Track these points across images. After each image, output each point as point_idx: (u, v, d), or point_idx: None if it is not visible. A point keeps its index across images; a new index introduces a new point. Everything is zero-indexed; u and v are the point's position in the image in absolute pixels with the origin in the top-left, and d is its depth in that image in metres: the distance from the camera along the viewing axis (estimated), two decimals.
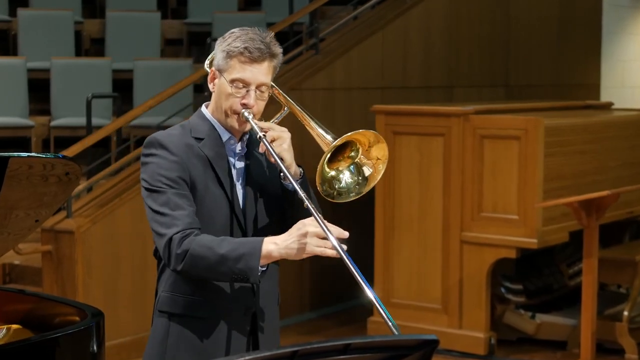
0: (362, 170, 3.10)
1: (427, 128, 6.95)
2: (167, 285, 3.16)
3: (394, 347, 2.15)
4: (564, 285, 7.40)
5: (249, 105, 3.07)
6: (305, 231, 2.93)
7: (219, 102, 3.13)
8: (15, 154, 3.19)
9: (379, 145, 3.09)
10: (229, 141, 3.16)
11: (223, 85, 3.10)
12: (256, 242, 2.97)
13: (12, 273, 6.96)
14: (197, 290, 3.11)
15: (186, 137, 3.13)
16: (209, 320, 3.12)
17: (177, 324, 3.13)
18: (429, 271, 6.92)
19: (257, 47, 3.06)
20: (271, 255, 2.97)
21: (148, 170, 3.09)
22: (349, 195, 3.12)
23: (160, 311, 3.17)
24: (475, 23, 9.03)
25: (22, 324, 3.64)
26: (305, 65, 7.90)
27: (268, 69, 3.09)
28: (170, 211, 3.01)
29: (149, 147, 3.12)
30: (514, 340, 7.02)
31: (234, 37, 3.10)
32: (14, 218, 3.44)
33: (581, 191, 6.46)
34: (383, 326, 7.07)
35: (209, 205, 3.09)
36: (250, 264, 2.93)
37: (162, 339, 3.15)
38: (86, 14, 10.08)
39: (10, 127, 8.39)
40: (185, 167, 3.07)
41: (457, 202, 6.78)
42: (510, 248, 6.61)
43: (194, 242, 2.96)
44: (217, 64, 3.12)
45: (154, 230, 3.05)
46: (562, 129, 6.83)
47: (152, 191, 3.07)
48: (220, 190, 3.11)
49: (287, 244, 2.96)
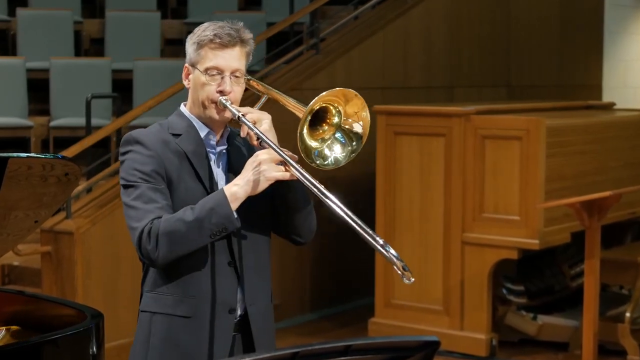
0: (352, 133, 3.08)
1: (428, 128, 6.94)
2: (150, 284, 3.16)
3: (394, 348, 2.15)
4: (566, 287, 7.40)
5: (226, 92, 3.08)
6: (258, 160, 2.98)
7: (195, 96, 3.14)
8: (15, 154, 3.19)
9: (352, 101, 3.05)
10: (207, 136, 3.16)
11: (197, 77, 3.12)
12: (218, 193, 3.01)
13: (12, 274, 6.96)
14: (178, 289, 3.10)
15: (163, 134, 3.13)
16: (192, 319, 3.10)
17: (160, 323, 3.12)
18: (430, 272, 6.90)
19: (226, 33, 3.09)
20: (237, 196, 2.99)
21: (124, 167, 3.10)
22: (338, 165, 3.10)
23: (143, 311, 3.17)
24: (476, 23, 9.02)
25: (21, 325, 3.64)
26: (306, 65, 7.90)
27: (240, 54, 3.12)
28: (143, 205, 3.01)
29: (125, 144, 3.12)
30: (515, 341, 7.00)
31: (202, 28, 3.14)
32: (13, 219, 3.44)
33: (583, 192, 6.44)
34: (384, 327, 7.12)
35: (186, 199, 3.06)
36: (224, 212, 2.96)
37: (145, 338, 3.14)
38: (86, 14, 10.07)
39: (10, 127, 8.38)
40: (160, 161, 3.07)
41: (458, 203, 6.77)
42: (512, 249, 6.59)
43: (160, 223, 2.97)
44: (189, 58, 3.14)
45: (127, 225, 3.06)
46: (564, 130, 6.82)
47: (127, 186, 3.08)
48: (199, 185, 3.10)
49: (247, 179, 2.99)
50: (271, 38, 8.45)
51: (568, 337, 6.90)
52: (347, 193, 7.99)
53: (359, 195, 7.77)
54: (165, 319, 3.11)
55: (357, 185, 7.72)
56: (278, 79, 7.75)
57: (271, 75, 7.93)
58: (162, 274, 3.11)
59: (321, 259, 7.81)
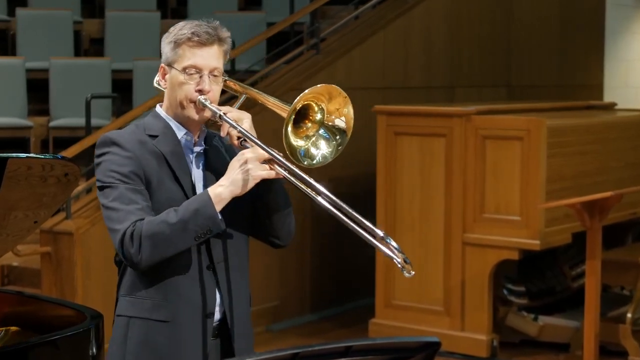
0: (335, 128, 3.07)
1: (428, 128, 6.93)
2: (126, 288, 3.12)
3: (395, 349, 2.15)
4: (567, 287, 7.39)
5: (205, 91, 3.04)
6: (244, 159, 2.94)
7: (172, 96, 3.09)
8: (14, 154, 3.18)
9: (334, 98, 3.05)
10: (185, 137, 3.12)
11: (175, 76, 3.07)
12: (202, 194, 2.96)
13: (11, 275, 6.95)
14: (156, 293, 3.06)
15: (140, 135, 3.09)
16: (170, 324, 3.06)
17: (138, 327, 3.08)
18: (430, 273, 6.89)
19: (204, 31, 3.05)
20: (222, 197, 2.94)
21: (101, 168, 3.05)
22: (327, 161, 3.08)
23: (120, 315, 3.13)
24: (477, 23, 9.01)
25: (21, 326, 3.63)
26: (306, 65, 7.89)
27: (218, 52, 3.08)
28: (123, 206, 2.97)
29: (102, 146, 3.07)
30: (516, 342, 6.99)
31: (178, 27, 3.10)
32: (13, 219, 3.43)
33: (584, 192, 6.43)
34: (384, 328, 7.10)
35: (165, 201, 3.02)
36: (208, 213, 2.91)
37: (122, 342, 3.10)
38: (85, 14, 10.06)
39: (9, 127, 8.36)
40: (138, 162, 3.03)
41: (459, 203, 6.76)
42: (513, 249, 6.59)
43: (143, 225, 2.92)
44: (166, 58, 3.10)
45: (108, 227, 3.02)
46: (565, 130, 6.81)
47: (105, 188, 3.03)
48: (178, 186, 3.06)
49: (232, 179, 2.95)
50: (271, 38, 8.44)
51: (569, 338, 6.88)
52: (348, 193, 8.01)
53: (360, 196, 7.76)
54: (143, 324, 3.07)
55: (358, 185, 7.71)
56: (278, 79, 7.75)
57: (271, 75, 7.93)
58: (140, 278, 3.07)
59: (321, 259, 7.80)
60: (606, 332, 6.49)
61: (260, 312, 7.41)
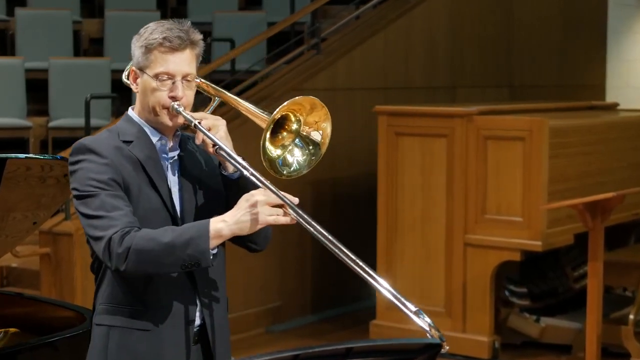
0: (309, 139, 3.03)
1: (430, 129, 6.92)
2: (104, 297, 3.04)
3: (396, 350, 2.18)
4: (569, 289, 7.37)
5: (178, 97, 2.98)
6: (254, 201, 2.82)
7: (144, 101, 3.03)
8: (13, 155, 3.22)
9: (316, 111, 3.01)
10: (159, 142, 3.06)
11: (147, 82, 3.00)
12: (203, 224, 2.86)
13: (10, 276, 6.93)
14: (135, 300, 3.00)
15: (114, 141, 3.02)
16: (150, 333, 3.01)
17: (118, 337, 3.02)
18: (432, 274, 6.88)
19: (176, 36, 2.98)
20: (221, 233, 2.84)
21: (77, 177, 2.97)
22: (302, 171, 3.04)
23: (99, 324, 3.06)
24: (479, 23, 9.00)
25: (20, 327, 3.65)
26: (307, 65, 7.87)
27: (191, 57, 3.01)
28: (107, 213, 2.89)
29: (76, 153, 2.99)
30: (518, 344, 6.97)
31: (149, 30, 3.01)
32: (12, 220, 3.45)
33: (586, 193, 6.42)
34: (386, 330, 7.08)
35: (143, 208, 2.98)
36: (200, 247, 2.82)
37: (101, 351, 3.03)
38: (85, 14, 10.04)
39: (8, 127, 8.34)
40: (116, 169, 2.95)
41: (460, 204, 6.75)
42: (515, 251, 6.57)
43: (136, 237, 2.84)
44: (137, 61, 3.02)
45: (90, 236, 2.92)
46: (567, 130, 6.80)
47: (83, 197, 2.94)
48: (154, 192, 3.00)
49: (237, 218, 2.84)
50: (272, 38, 8.42)
51: (571, 340, 6.87)
52: (349, 194, 8.02)
53: (361, 197, 7.75)
54: (123, 333, 3.01)
55: (358, 186, 7.69)
56: (279, 79, 7.73)
57: (272, 75, 7.91)
58: (119, 287, 3.01)
59: (322, 260, 7.78)
60: (608, 333, 6.47)
61: (260, 314, 7.39)
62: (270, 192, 2.83)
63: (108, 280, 3.03)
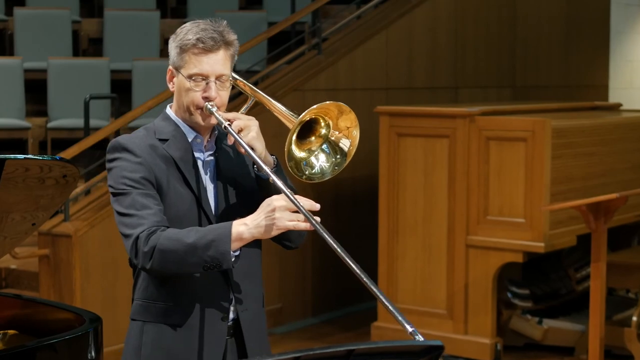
0: (338, 147, 3.06)
1: (432, 129, 6.91)
2: (140, 292, 3.12)
3: (398, 353, 2.18)
4: (572, 290, 7.37)
5: (211, 98, 3.03)
6: (274, 206, 2.87)
7: (180, 100, 3.09)
8: (12, 156, 3.20)
9: (345, 115, 3.05)
10: (195, 140, 3.12)
11: (182, 81, 3.06)
12: (225, 227, 2.91)
13: (9, 277, 6.93)
14: (169, 297, 3.07)
15: (150, 139, 3.09)
16: (184, 328, 3.07)
17: (151, 331, 3.09)
18: (433, 276, 6.86)
19: (210, 37, 3.02)
20: (242, 236, 2.89)
21: (113, 174, 3.06)
22: (324, 176, 3.07)
23: (134, 319, 3.13)
24: (482, 23, 8.99)
25: (19, 329, 3.66)
26: (308, 65, 7.86)
27: (225, 58, 3.06)
28: (137, 212, 2.96)
29: (112, 151, 3.08)
30: (520, 346, 6.97)
31: (185, 30, 3.06)
32: (10, 221, 3.45)
33: (589, 194, 6.43)
34: (387, 332, 7.06)
35: (176, 206, 3.04)
36: (221, 248, 2.87)
37: (136, 347, 3.11)
38: (84, 13, 10.05)
39: (7, 128, 8.34)
40: (149, 167, 3.03)
41: (462, 205, 6.73)
42: (517, 252, 6.56)
43: (161, 237, 2.91)
44: (173, 61, 3.09)
45: (121, 233, 3.01)
46: (570, 131, 6.78)
47: (117, 195, 3.03)
48: (188, 190, 3.06)
49: (257, 222, 2.89)
50: (272, 38, 8.41)
51: (574, 342, 6.86)
52: (350, 195, 7.99)
53: (362, 198, 7.73)
54: (157, 328, 3.08)
55: (360, 187, 7.68)
56: (279, 79, 7.71)
57: (272, 75, 7.89)
58: (154, 282, 3.07)
59: (323, 262, 7.77)
60: (611, 335, 6.46)
61: None
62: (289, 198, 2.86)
63: (144, 276, 3.09)
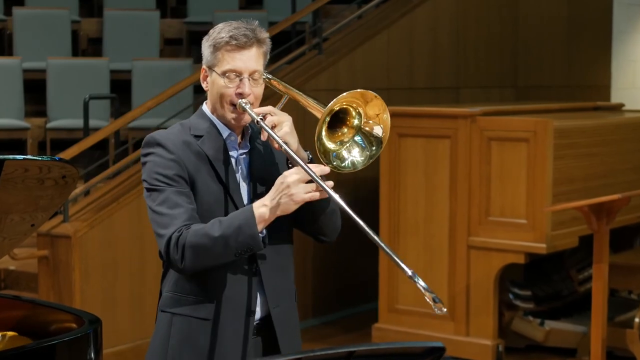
0: (372, 137, 3.07)
1: (433, 130, 6.90)
2: (170, 285, 3.17)
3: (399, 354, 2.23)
4: (574, 292, 7.37)
5: (245, 94, 3.09)
6: (287, 183, 2.95)
7: (214, 98, 3.15)
8: (11, 156, 3.20)
9: (371, 102, 3.07)
10: (229, 137, 3.17)
11: (216, 79, 3.13)
12: (247, 210, 3.00)
13: (7, 279, 6.92)
14: (199, 290, 3.12)
15: (185, 135, 3.14)
16: (211, 322, 3.12)
17: (180, 324, 3.14)
18: (435, 277, 6.85)
19: (243, 34, 3.09)
20: (265, 217, 2.98)
21: (146, 169, 3.13)
22: (355, 169, 3.08)
23: (163, 311, 3.19)
24: (483, 23, 8.98)
25: (18, 331, 3.65)
26: (308, 65, 7.87)
27: (258, 55, 3.12)
28: (169, 210, 3.03)
29: (147, 146, 3.15)
30: (522, 347, 6.96)
31: (217, 30, 3.14)
32: (9, 222, 3.44)
33: (591, 195, 6.41)
34: (388, 333, 7.04)
35: (208, 202, 3.10)
36: (250, 231, 2.95)
37: (164, 338, 3.17)
38: (83, 13, 10.05)
39: (5, 129, 8.34)
40: (182, 164, 3.08)
41: (464, 206, 6.72)
42: (519, 253, 6.55)
43: (188, 236, 2.98)
44: (207, 60, 3.16)
45: (154, 231, 3.08)
46: (572, 131, 6.77)
47: (151, 190, 3.10)
48: (220, 186, 3.11)
49: (276, 201, 2.97)
50: (273, 37, 8.26)
51: (576, 343, 6.85)
52: (351, 196, 7.95)
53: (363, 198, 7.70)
54: (185, 321, 3.13)
55: (361, 188, 7.66)
56: (280, 79, 7.67)
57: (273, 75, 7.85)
58: (184, 276, 3.12)
59: (324, 264, 7.76)
60: (614, 337, 6.47)
61: None
62: (302, 170, 2.93)
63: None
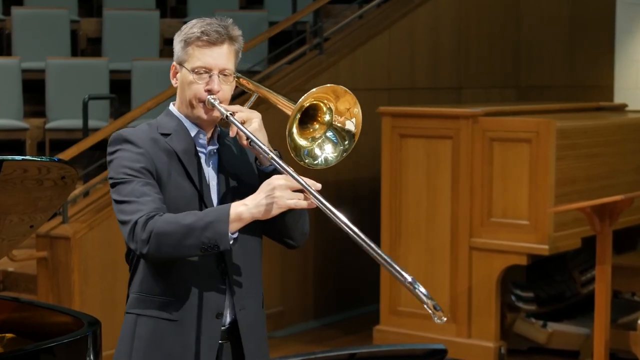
0: (344, 132, 3.05)
1: (434, 130, 6.89)
2: (136, 285, 3.15)
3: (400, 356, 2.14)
4: (577, 293, 7.36)
5: (214, 91, 3.06)
6: (274, 185, 2.91)
7: (182, 95, 3.12)
8: (10, 157, 3.19)
9: (342, 98, 3.03)
10: (197, 135, 3.14)
11: (185, 75, 3.09)
12: (224, 208, 2.94)
13: (6, 280, 6.91)
14: (166, 290, 3.07)
15: (153, 133, 3.12)
16: (178, 323, 3.07)
17: (146, 325, 3.09)
18: (436, 278, 6.83)
19: (214, 30, 3.06)
20: (242, 216, 2.91)
21: (113, 166, 3.07)
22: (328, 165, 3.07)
23: (129, 312, 3.14)
24: (485, 22, 8.96)
25: (17, 332, 3.64)
26: (309, 65, 7.85)
27: (229, 52, 3.09)
28: (136, 198, 2.99)
29: (114, 144, 3.10)
30: (524, 349, 6.94)
31: (189, 25, 3.11)
32: (8, 223, 3.43)
33: (594, 196, 6.39)
34: (389, 335, 7.01)
35: (177, 198, 3.05)
36: (219, 229, 2.89)
37: (129, 340, 3.12)
38: (82, 13, 10.04)
39: (4, 129, 8.32)
40: (150, 159, 3.05)
41: (465, 207, 6.70)
42: (521, 254, 6.54)
43: (158, 221, 2.93)
44: (177, 56, 3.12)
45: (119, 221, 3.05)
46: (574, 132, 6.76)
47: (116, 184, 3.05)
48: (189, 183, 3.08)
49: (258, 202, 2.91)
50: (273, 37, 8.40)
51: (579, 345, 6.84)
52: (352, 197, 7.94)
53: (364, 199, 7.68)
54: (151, 322, 3.08)
55: (362, 189, 7.64)
56: (281, 79, 7.70)
57: (273, 75, 7.87)
58: (150, 276, 3.08)
59: (325, 265, 7.75)
60: (617, 339, 6.43)
61: None
62: (290, 177, 2.89)
63: (140, 270, 3.10)
